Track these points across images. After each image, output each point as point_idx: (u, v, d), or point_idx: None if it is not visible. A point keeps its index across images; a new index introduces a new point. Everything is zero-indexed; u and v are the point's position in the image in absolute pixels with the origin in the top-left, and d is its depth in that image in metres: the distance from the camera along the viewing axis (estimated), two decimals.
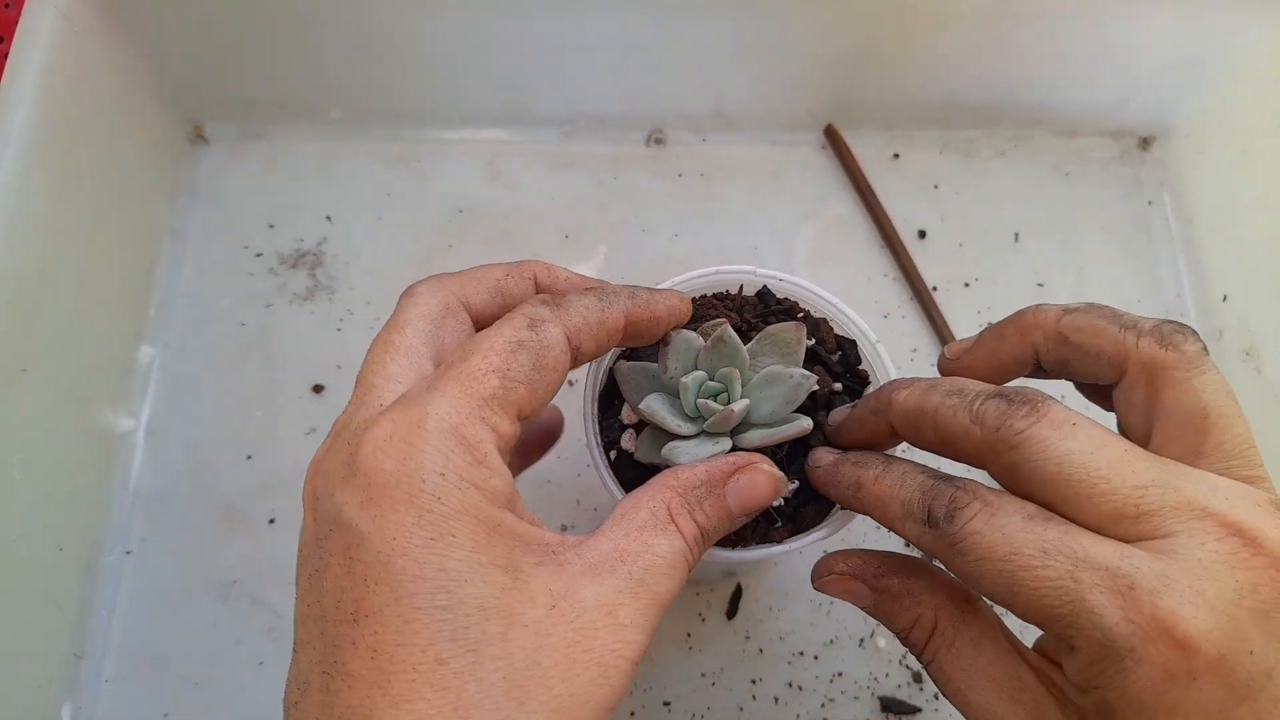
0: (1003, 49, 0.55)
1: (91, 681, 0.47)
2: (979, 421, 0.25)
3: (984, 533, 0.24)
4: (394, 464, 0.23)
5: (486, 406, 0.24)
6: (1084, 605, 0.22)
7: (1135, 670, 0.22)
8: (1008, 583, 0.23)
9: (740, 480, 0.28)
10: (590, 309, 0.27)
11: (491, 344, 0.25)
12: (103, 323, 0.51)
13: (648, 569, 0.25)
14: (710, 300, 0.37)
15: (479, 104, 0.59)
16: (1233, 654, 0.22)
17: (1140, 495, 0.23)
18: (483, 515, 0.23)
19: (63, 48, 0.46)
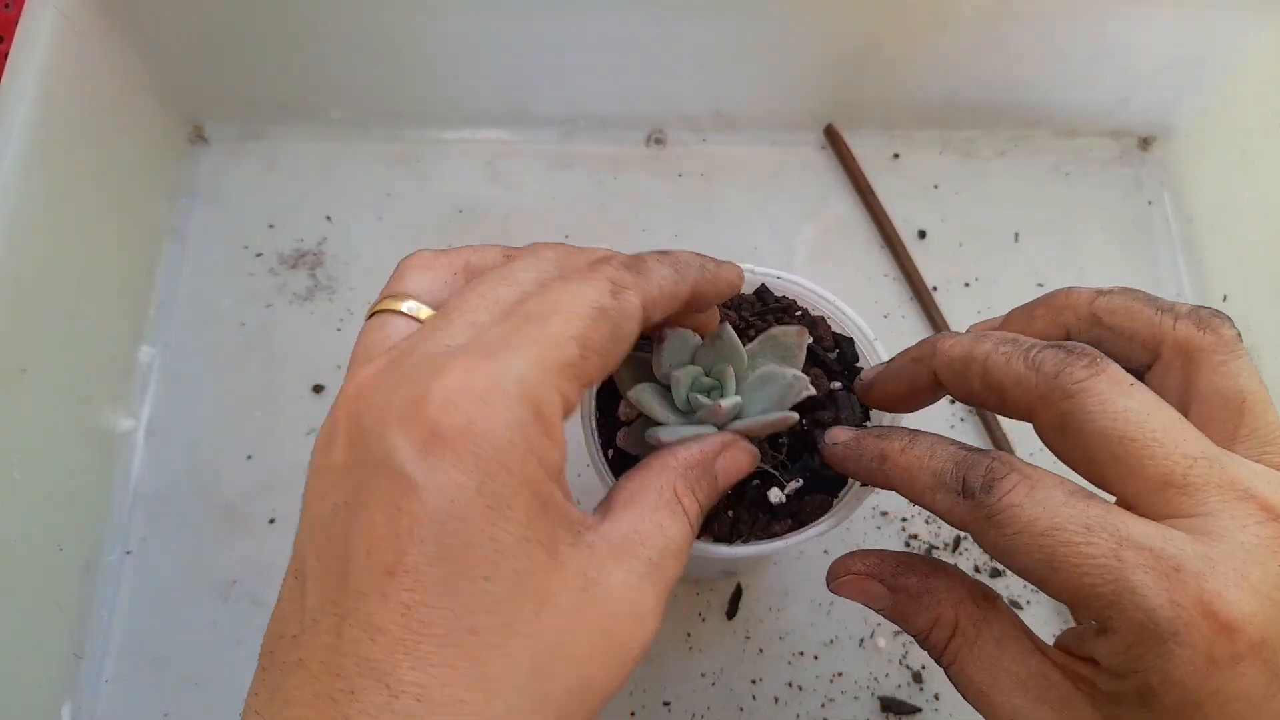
0: (1003, 49, 0.55)
1: (91, 681, 0.47)
2: (1035, 368, 0.25)
3: (1024, 505, 0.23)
4: (464, 420, 0.21)
5: (562, 374, 0.23)
6: (1127, 585, 0.22)
7: (1178, 653, 0.22)
8: (1047, 558, 0.23)
9: (726, 458, 0.28)
10: (666, 280, 0.26)
11: (574, 306, 0.24)
12: (103, 323, 0.51)
13: (662, 552, 0.25)
14: None
15: (479, 104, 0.59)
16: (1275, 638, 0.21)
17: (1189, 465, 0.23)
18: (539, 489, 0.22)
19: (63, 48, 0.46)
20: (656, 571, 0.25)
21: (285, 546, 0.51)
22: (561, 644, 0.22)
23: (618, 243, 0.57)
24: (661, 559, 0.25)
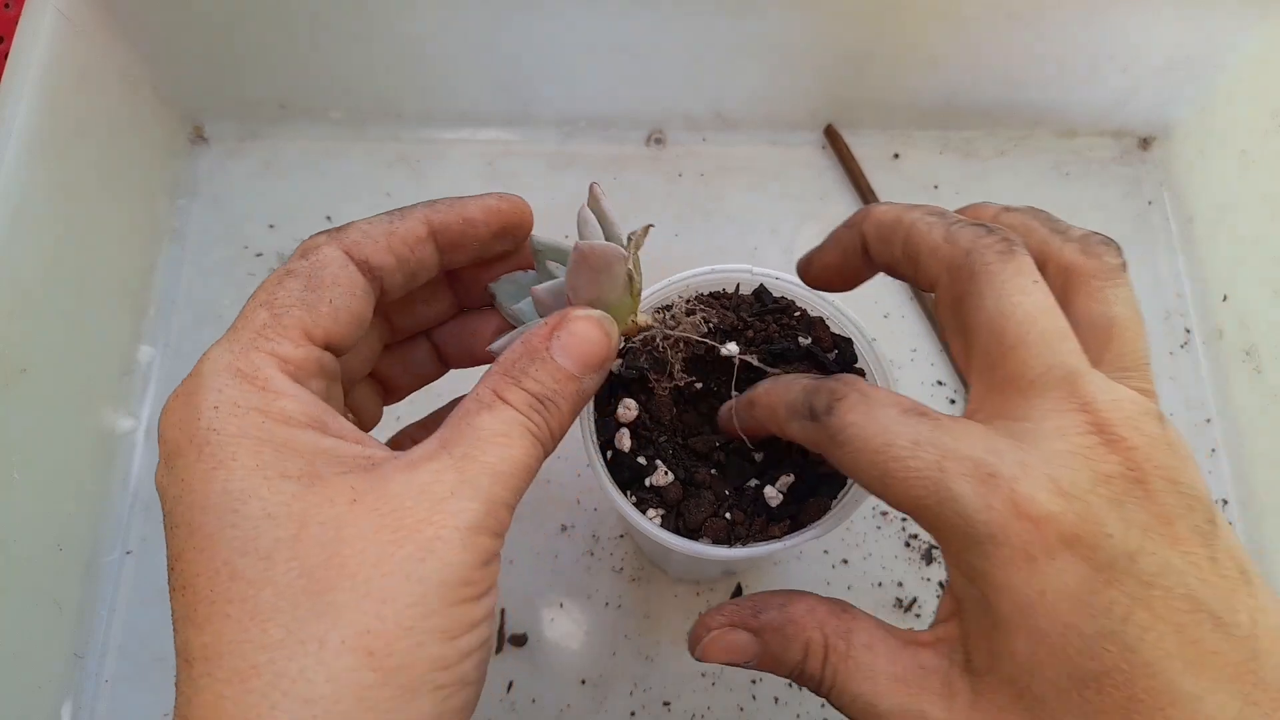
0: (1003, 49, 0.55)
1: (91, 681, 0.47)
2: (952, 240, 0.26)
3: (860, 424, 0.25)
4: (177, 417, 0.23)
5: (259, 337, 0.24)
6: (948, 494, 0.23)
7: (996, 553, 0.22)
8: (880, 474, 0.24)
9: (562, 336, 0.26)
10: (375, 224, 0.27)
11: (263, 284, 0.26)
12: (103, 323, 0.51)
13: (471, 444, 0.24)
14: (707, 299, 0.37)
15: (479, 104, 0.59)
16: (1089, 535, 0.22)
17: (1041, 372, 0.24)
18: (268, 435, 0.23)
19: (63, 48, 0.46)
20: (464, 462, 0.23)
21: None
22: (334, 554, 0.22)
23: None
24: (471, 449, 0.24)
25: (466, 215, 0.29)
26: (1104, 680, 0.22)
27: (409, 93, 0.58)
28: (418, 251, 0.28)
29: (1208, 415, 0.54)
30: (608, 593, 0.49)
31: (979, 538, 0.23)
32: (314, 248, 0.26)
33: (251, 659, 0.21)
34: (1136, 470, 0.23)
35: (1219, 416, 0.54)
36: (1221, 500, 0.52)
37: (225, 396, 0.23)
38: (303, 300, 0.25)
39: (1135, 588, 0.22)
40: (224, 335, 0.25)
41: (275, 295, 0.25)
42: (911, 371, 0.54)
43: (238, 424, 0.23)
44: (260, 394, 0.24)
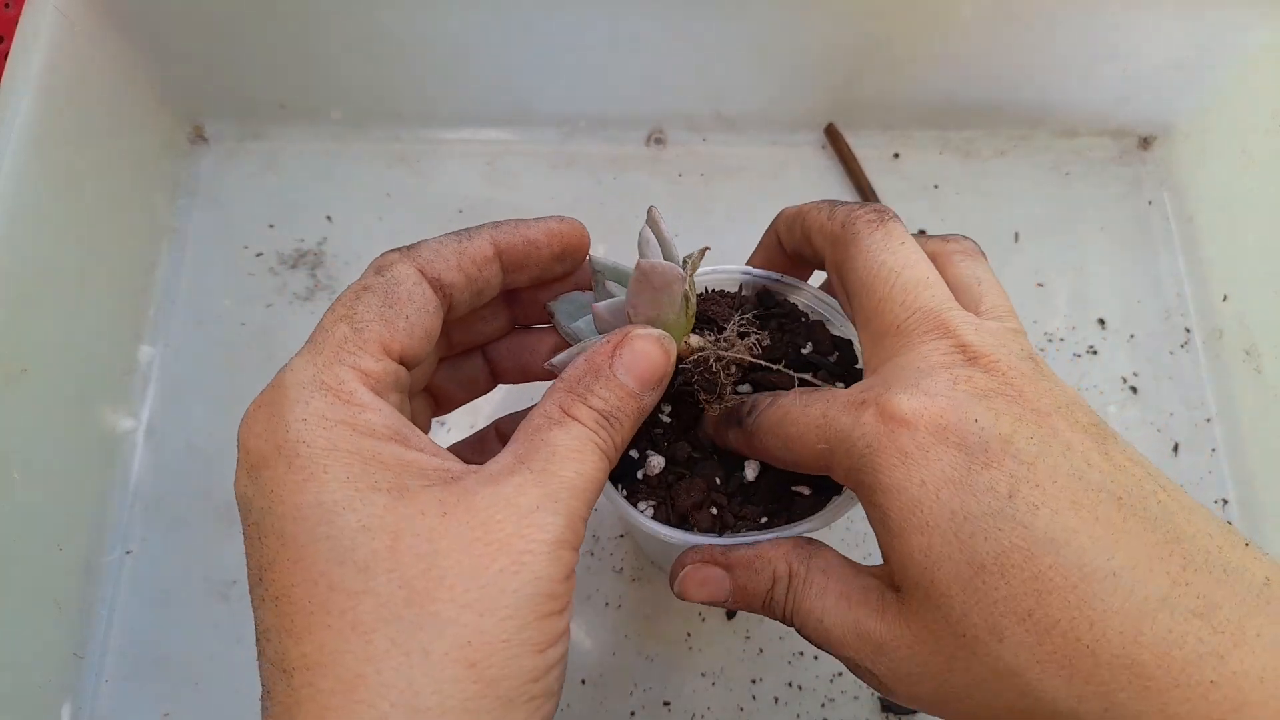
0: (1003, 49, 0.55)
1: (91, 681, 0.47)
2: (832, 217, 0.30)
3: (767, 414, 0.29)
4: (262, 427, 0.24)
5: (341, 351, 0.25)
6: (832, 430, 0.26)
7: (875, 459, 0.24)
8: (784, 439, 0.27)
9: (624, 355, 0.27)
10: (445, 243, 0.28)
11: (340, 298, 0.26)
12: (103, 323, 0.51)
13: (548, 459, 0.24)
14: (713, 296, 0.37)
15: (479, 104, 0.59)
16: (956, 424, 0.24)
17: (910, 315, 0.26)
18: (356, 448, 0.23)
19: (63, 47, 0.46)
20: (543, 476, 0.24)
21: None
22: (432, 565, 0.22)
23: (617, 243, 0.57)
24: (549, 464, 0.24)
25: (530, 237, 0.30)
26: (1003, 561, 0.22)
27: (409, 93, 0.58)
28: (485, 271, 0.29)
29: (1208, 415, 0.54)
30: (608, 593, 0.49)
31: (859, 451, 0.25)
32: (388, 265, 0.27)
33: (356, 669, 0.21)
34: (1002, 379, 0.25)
35: (1219, 416, 0.54)
36: (1221, 500, 0.52)
37: (313, 409, 0.24)
38: (381, 315, 0.26)
39: (1015, 467, 0.23)
40: (303, 348, 0.25)
41: (354, 310, 0.25)
42: None
43: (326, 437, 0.23)
44: (346, 407, 0.24)
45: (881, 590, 0.26)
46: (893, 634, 0.25)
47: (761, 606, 0.29)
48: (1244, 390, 0.52)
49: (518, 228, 0.30)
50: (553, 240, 0.30)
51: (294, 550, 0.22)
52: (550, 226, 0.31)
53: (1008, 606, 0.22)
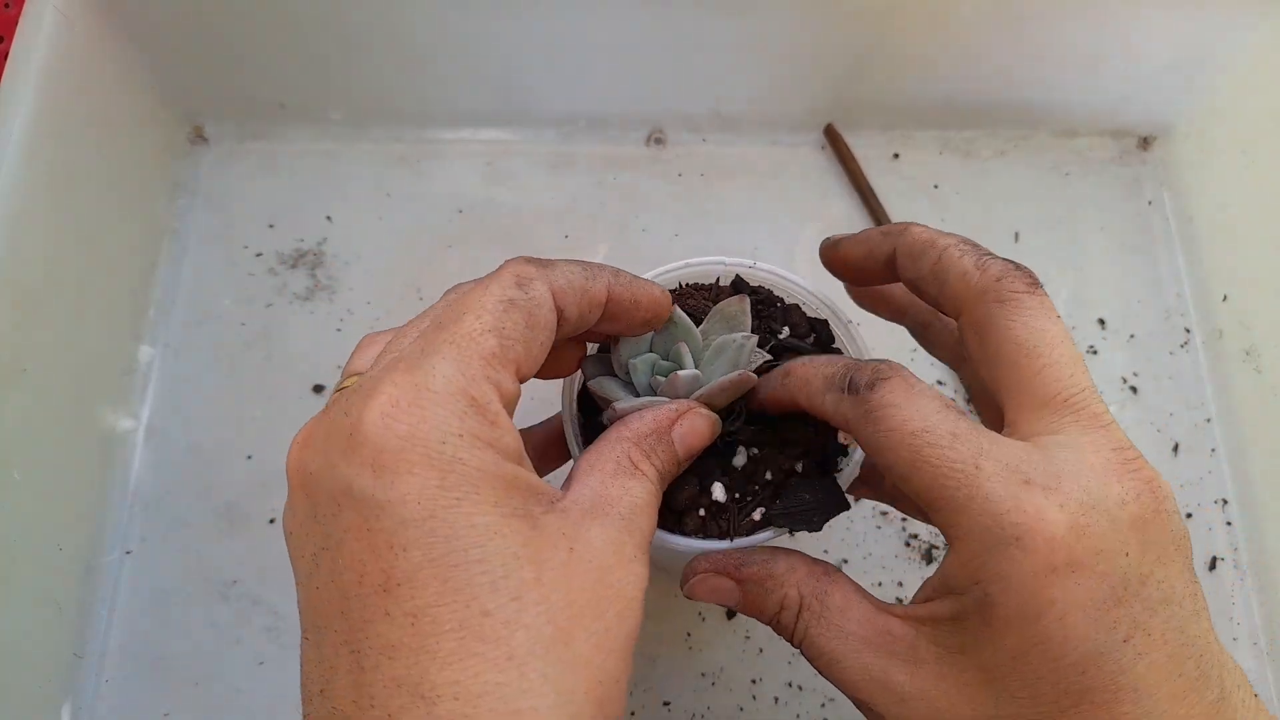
0: (1003, 49, 0.55)
1: (91, 681, 0.47)
2: (983, 268, 0.28)
3: (900, 405, 0.25)
4: (406, 428, 0.22)
5: (488, 365, 0.24)
6: (980, 490, 0.23)
7: (1018, 558, 0.23)
8: (912, 458, 0.25)
9: (683, 425, 0.29)
10: (575, 273, 0.27)
11: (482, 303, 0.25)
12: (103, 323, 0.51)
13: (632, 509, 0.26)
14: (688, 290, 0.37)
15: (479, 104, 0.59)
16: (1111, 552, 0.23)
17: (1073, 393, 0.25)
18: (500, 472, 0.23)
19: (63, 47, 0.46)
20: (631, 525, 0.25)
21: (285, 546, 0.51)
22: (571, 602, 0.23)
23: (617, 243, 0.57)
24: (632, 515, 0.26)
25: (637, 297, 0.30)
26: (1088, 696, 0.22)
27: (409, 93, 0.58)
28: (591, 314, 0.28)
29: (1208, 415, 0.54)
30: None
31: (1004, 539, 0.23)
32: (528, 280, 0.26)
33: (515, 703, 0.21)
34: (1153, 496, 0.24)
35: (1219, 416, 0.54)
36: (1221, 500, 0.52)
37: (467, 426, 0.23)
38: (524, 336, 0.25)
39: (1141, 611, 0.23)
40: (445, 348, 0.24)
41: (504, 325, 0.24)
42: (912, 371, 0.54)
43: (478, 458, 0.23)
44: (490, 427, 0.23)
45: (913, 642, 0.26)
46: (923, 691, 0.25)
47: (768, 623, 0.29)
48: (1244, 390, 0.52)
49: (631, 285, 0.29)
50: (651, 308, 0.30)
51: (443, 569, 0.21)
52: (654, 294, 0.30)
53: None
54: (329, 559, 0.22)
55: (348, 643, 0.22)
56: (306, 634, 0.23)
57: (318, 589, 0.23)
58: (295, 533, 0.24)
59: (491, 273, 0.26)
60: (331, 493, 0.22)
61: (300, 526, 0.24)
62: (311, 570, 0.23)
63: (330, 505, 0.22)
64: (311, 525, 0.23)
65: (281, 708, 0.47)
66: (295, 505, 0.24)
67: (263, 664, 0.47)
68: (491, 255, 0.56)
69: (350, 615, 0.22)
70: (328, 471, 0.23)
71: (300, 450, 0.24)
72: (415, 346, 0.24)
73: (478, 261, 0.56)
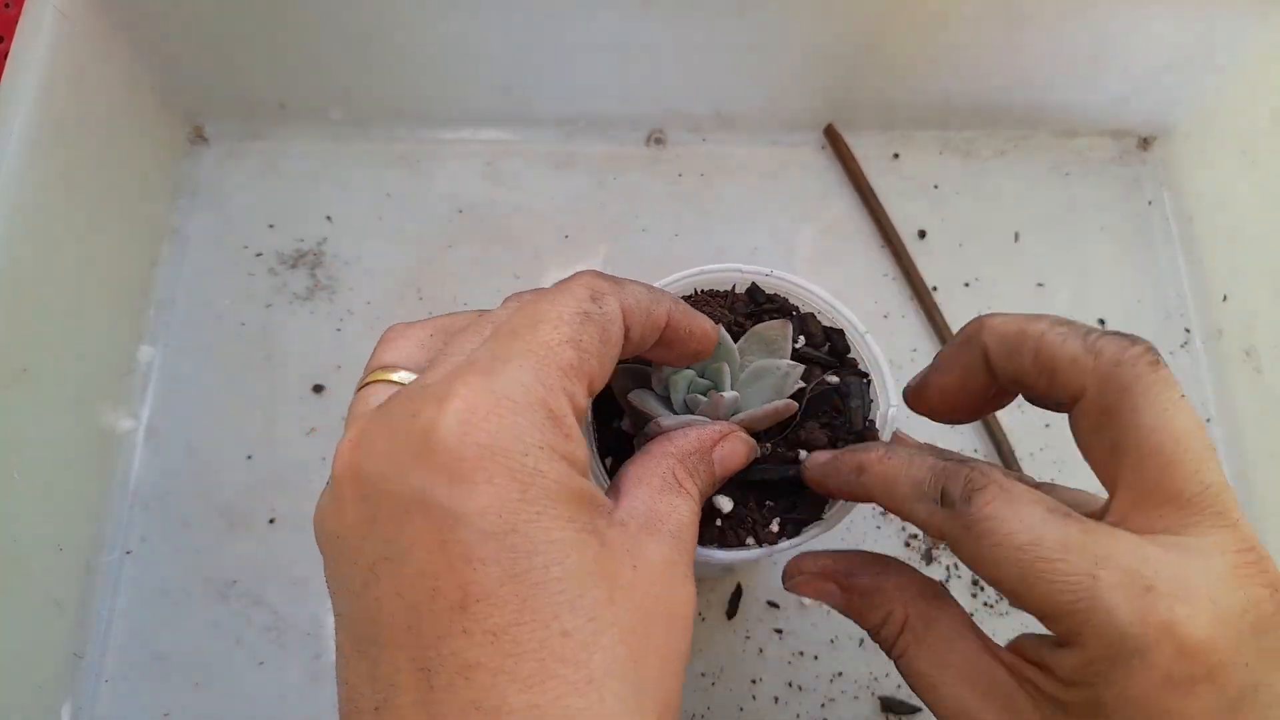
0: (1003, 49, 0.55)
1: (91, 681, 0.47)
2: (1096, 352, 0.25)
3: (1003, 518, 0.24)
4: (486, 437, 0.21)
5: (565, 377, 0.23)
6: (1100, 603, 0.22)
7: (1140, 671, 0.22)
8: (1023, 573, 0.23)
9: (724, 448, 0.29)
10: (642, 294, 0.27)
11: (559, 313, 0.24)
12: (103, 323, 0.51)
13: (680, 526, 0.26)
14: (703, 297, 0.37)
15: (479, 104, 0.59)
16: (1231, 665, 0.22)
17: (1200, 490, 0.24)
18: (573, 485, 0.23)
19: (63, 47, 0.46)
20: (680, 543, 0.26)
21: (285, 546, 0.51)
22: (639, 622, 0.22)
23: (617, 243, 0.57)
24: (680, 532, 0.26)
25: (692, 329, 0.29)
26: None
27: (409, 93, 0.58)
28: (652, 336, 0.28)
29: (1208, 415, 0.54)
30: None
31: (1126, 652, 0.22)
32: (602, 295, 0.25)
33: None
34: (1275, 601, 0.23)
35: (1219, 416, 0.54)
36: None
37: (546, 438, 0.22)
38: (599, 351, 0.25)
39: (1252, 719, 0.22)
40: (524, 356, 0.23)
41: (580, 338, 0.24)
42: (911, 370, 0.54)
43: (556, 471, 0.22)
44: (566, 440, 0.23)
45: (1013, 695, 0.25)
46: None
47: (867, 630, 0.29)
48: (1244, 390, 0.52)
49: (690, 316, 0.29)
50: (704, 340, 0.30)
51: (524, 586, 0.21)
52: (706, 327, 0.30)
53: None
54: (391, 570, 0.21)
55: (415, 660, 0.21)
56: (356, 647, 0.22)
57: (377, 600, 0.21)
58: (344, 536, 0.23)
59: (562, 282, 0.26)
60: (399, 500, 0.21)
61: (353, 531, 0.22)
62: (369, 580, 0.22)
63: (396, 512, 0.21)
64: (369, 532, 0.22)
65: (281, 708, 0.47)
66: (345, 510, 0.23)
67: (263, 664, 0.47)
68: (491, 255, 0.57)
69: (420, 631, 0.21)
70: (395, 477, 0.21)
71: (353, 451, 0.23)
72: (488, 352, 0.23)
73: (478, 261, 0.57)
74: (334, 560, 0.23)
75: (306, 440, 0.52)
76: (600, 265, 0.57)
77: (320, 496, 0.24)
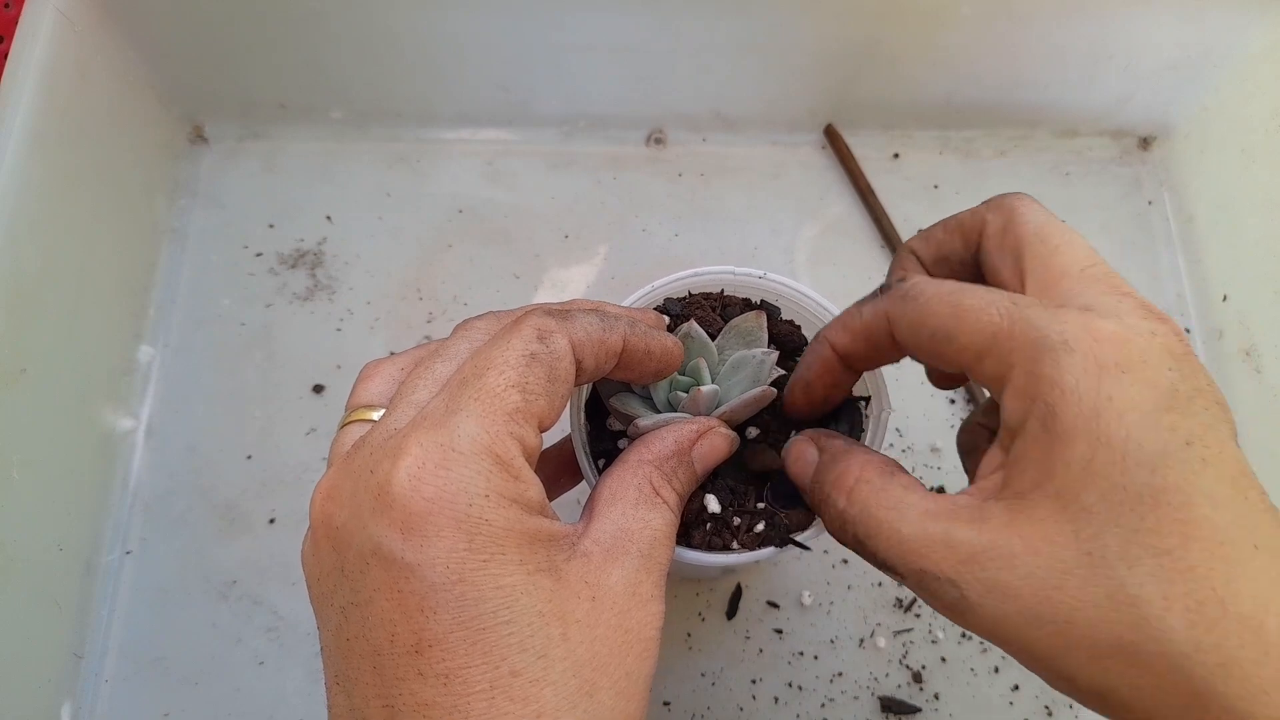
0: (1003, 49, 0.55)
1: (91, 681, 0.47)
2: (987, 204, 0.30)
3: (929, 282, 0.27)
4: (433, 490, 0.23)
5: (512, 421, 0.24)
6: (1021, 316, 0.25)
7: (1070, 361, 0.23)
8: (953, 309, 0.26)
9: (703, 445, 0.30)
10: (593, 325, 0.28)
11: (505, 358, 0.25)
12: (103, 323, 0.51)
13: (651, 543, 0.27)
14: (698, 299, 0.37)
15: (479, 104, 0.59)
16: (1154, 364, 0.23)
17: (1086, 266, 0.27)
18: (525, 528, 0.24)
19: (63, 48, 0.46)
20: (649, 562, 0.26)
21: (285, 546, 0.51)
22: (595, 653, 0.24)
23: (617, 243, 0.57)
24: (651, 549, 0.26)
25: (650, 348, 0.30)
26: (1161, 498, 0.22)
27: (409, 93, 0.58)
28: (609, 363, 0.29)
29: None
30: None
31: (1052, 345, 0.24)
32: (548, 333, 0.26)
33: None
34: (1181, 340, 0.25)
35: None
36: None
37: (493, 485, 0.23)
38: (547, 390, 0.25)
39: (1194, 425, 0.23)
40: (470, 404, 0.24)
41: (527, 380, 0.25)
42: (911, 370, 0.54)
43: (504, 517, 0.23)
44: (514, 483, 0.24)
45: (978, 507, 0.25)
46: (993, 543, 0.24)
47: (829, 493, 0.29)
48: (1244, 390, 0.52)
49: (647, 337, 0.30)
50: (664, 357, 0.31)
51: (472, 632, 0.22)
52: (668, 345, 0.31)
53: (1150, 539, 0.22)
54: (359, 615, 0.23)
55: (380, 696, 0.23)
56: (336, 680, 0.24)
57: (348, 641, 0.23)
58: (322, 580, 0.24)
59: (511, 324, 0.26)
60: (360, 550, 0.23)
61: (327, 576, 0.24)
62: (341, 622, 0.24)
63: (359, 562, 0.23)
64: (340, 579, 0.24)
65: (281, 708, 0.47)
66: (321, 555, 0.25)
67: (263, 664, 0.47)
68: (491, 255, 0.57)
69: (383, 672, 0.22)
70: (356, 529, 0.23)
71: (325, 501, 0.25)
72: (440, 404, 0.25)
73: (477, 261, 0.57)
74: (315, 600, 0.25)
75: (306, 440, 0.52)
76: (600, 265, 0.57)
77: (304, 536, 0.26)
